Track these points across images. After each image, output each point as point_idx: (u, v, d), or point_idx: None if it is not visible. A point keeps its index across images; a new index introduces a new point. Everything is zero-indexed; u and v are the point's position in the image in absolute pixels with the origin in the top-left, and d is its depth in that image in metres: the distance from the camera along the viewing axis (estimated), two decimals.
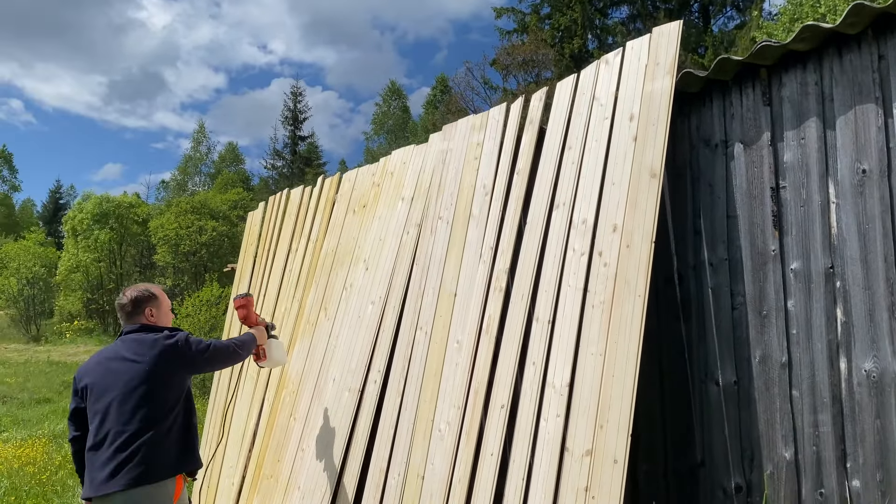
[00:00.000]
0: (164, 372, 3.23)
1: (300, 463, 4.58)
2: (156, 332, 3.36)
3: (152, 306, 3.48)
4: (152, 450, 3.10)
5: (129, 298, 3.44)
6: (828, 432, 2.92)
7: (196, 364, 3.38)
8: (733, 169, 3.34)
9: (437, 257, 4.28)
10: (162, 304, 3.53)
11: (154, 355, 3.23)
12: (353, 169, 5.63)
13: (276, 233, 6.26)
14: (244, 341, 3.72)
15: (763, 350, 3.16)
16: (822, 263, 2.98)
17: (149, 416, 3.13)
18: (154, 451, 3.11)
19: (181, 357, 3.30)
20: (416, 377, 4.06)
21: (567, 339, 3.34)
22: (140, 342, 3.30)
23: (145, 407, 3.14)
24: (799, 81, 3.10)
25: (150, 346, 3.26)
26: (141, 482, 3.04)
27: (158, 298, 3.52)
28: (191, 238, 30.51)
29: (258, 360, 3.99)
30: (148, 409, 3.14)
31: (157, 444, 3.12)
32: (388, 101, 53.69)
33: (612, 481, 2.93)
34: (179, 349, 3.30)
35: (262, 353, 3.96)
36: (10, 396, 19.35)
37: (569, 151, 3.71)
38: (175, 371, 3.28)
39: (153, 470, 3.09)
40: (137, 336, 3.34)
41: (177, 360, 3.29)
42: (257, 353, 3.95)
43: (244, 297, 3.98)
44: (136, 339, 3.32)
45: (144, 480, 3.05)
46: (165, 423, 3.17)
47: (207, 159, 56.03)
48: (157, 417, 3.15)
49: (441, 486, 3.61)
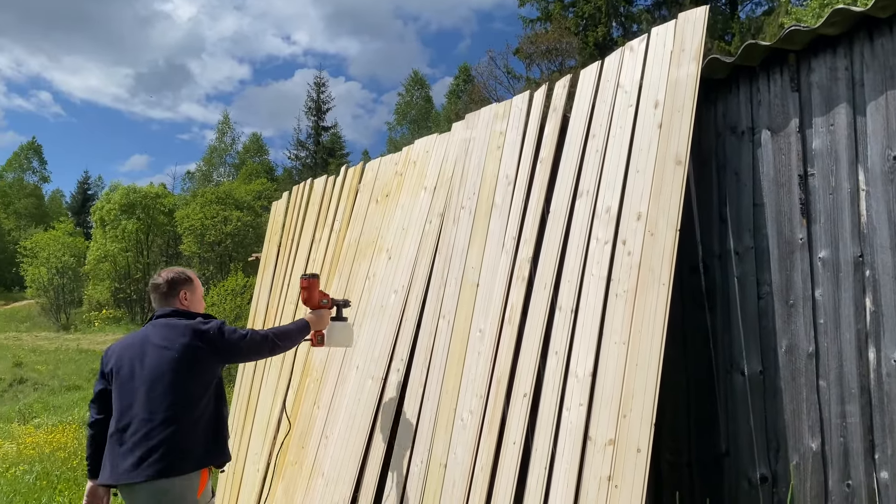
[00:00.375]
0: (194, 360, 3.09)
1: (324, 450, 4.63)
2: (188, 319, 3.24)
3: (187, 289, 3.37)
4: (179, 441, 2.97)
5: (165, 279, 3.34)
6: (855, 423, 2.88)
7: (230, 354, 3.23)
8: (760, 156, 3.29)
9: (459, 247, 4.28)
10: (196, 289, 3.43)
11: (185, 343, 3.10)
12: (376, 158, 5.64)
13: (299, 223, 6.30)
14: (289, 332, 3.50)
15: (790, 340, 3.12)
16: (851, 252, 2.93)
17: (177, 405, 3.01)
18: (181, 442, 2.97)
19: (213, 346, 3.15)
20: (439, 366, 4.07)
21: (590, 329, 3.33)
22: (172, 327, 3.18)
23: (174, 395, 3.01)
24: (828, 66, 3.04)
25: (181, 333, 3.13)
26: (166, 474, 2.91)
27: (193, 282, 3.42)
28: (216, 228, 30.83)
29: (314, 344, 3.75)
30: (176, 398, 3.01)
31: (185, 435, 2.99)
32: (410, 91, 53.68)
33: (636, 471, 2.92)
34: (212, 337, 3.15)
35: (318, 339, 3.71)
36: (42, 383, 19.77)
37: (593, 139, 3.68)
38: (206, 360, 3.14)
39: (179, 462, 2.95)
40: (169, 321, 3.22)
41: (208, 349, 3.14)
42: (311, 340, 3.70)
43: (309, 279, 3.71)
44: (167, 325, 3.20)
45: (170, 472, 2.92)
46: (194, 413, 3.04)
47: (232, 150, 56.52)
48: (185, 407, 3.02)
49: (463, 474, 3.63)
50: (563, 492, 3.16)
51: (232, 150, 56.67)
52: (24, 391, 19.29)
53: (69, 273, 33.79)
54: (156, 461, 2.91)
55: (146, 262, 34.51)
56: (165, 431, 2.95)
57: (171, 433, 2.96)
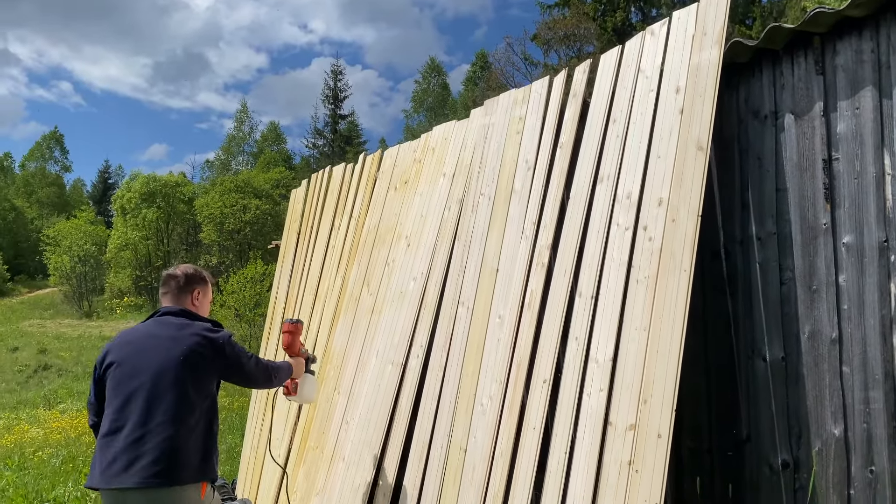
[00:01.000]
0: (199, 365, 2.92)
1: (344, 435, 4.67)
2: (199, 321, 3.10)
3: (201, 290, 3.25)
4: (178, 447, 2.78)
5: (183, 273, 3.21)
6: (879, 409, 2.86)
7: (233, 369, 3.07)
8: (783, 141, 3.25)
9: (478, 233, 4.28)
10: (208, 292, 3.32)
11: (192, 345, 2.92)
12: (395, 146, 5.65)
13: (318, 210, 6.33)
14: (280, 368, 3.40)
15: (812, 326, 3.10)
16: (875, 237, 2.90)
17: (176, 410, 2.81)
18: (179, 448, 2.78)
19: (221, 355, 2.99)
20: (458, 352, 4.09)
21: (610, 315, 3.33)
22: (180, 327, 3.02)
23: (175, 396, 2.83)
24: (854, 49, 3.00)
25: (191, 334, 2.97)
26: (159, 481, 2.71)
27: (208, 285, 3.31)
28: (235, 216, 31.04)
29: (287, 392, 3.65)
30: (177, 400, 2.83)
31: (183, 441, 2.80)
32: (427, 79, 53.56)
33: (656, 456, 2.93)
34: (221, 346, 3.00)
35: (292, 387, 3.61)
36: (66, 370, 20.09)
37: (613, 125, 3.66)
38: (209, 368, 2.97)
39: (173, 471, 2.75)
40: (178, 320, 3.06)
41: (214, 357, 2.97)
42: (287, 388, 3.61)
43: (294, 324, 3.67)
44: (176, 324, 3.04)
45: (164, 480, 2.72)
46: (191, 420, 2.85)
47: (250, 139, 56.81)
48: (183, 414, 2.83)
49: (483, 459, 3.65)
50: (583, 476, 3.17)
51: (250, 138, 56.98)
52: (48, 377, 19.62)
53: (91, 261, 34.23)
54: (148, 466, 2.71)
55: (166, 251, 34.87)
56: (161, 436, 2.76)
57: (169, 436, 2.77)
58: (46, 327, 29.27)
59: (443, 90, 52.84)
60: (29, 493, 6.48)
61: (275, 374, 3.31)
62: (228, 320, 18.35)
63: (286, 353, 3.61)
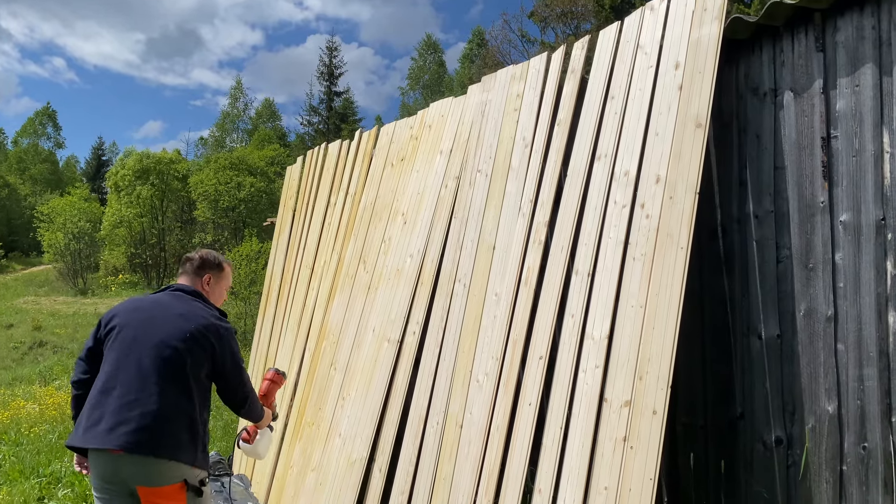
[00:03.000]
0: (201, 348, 2.86)
1: (341, 411, 4.69)
2: (210, 306, 3.10)
3: (213, 276, 3.21)
4: (163, 419, 2.71)
5: (199, 256, 3.23)
6: (873, 386, 2.88)
7: (226, 364, 2.95)
8: (782, 118, 3.24)
9: (475, 210, 4.27)
10: (222, 280, 3.27)
11: (200, 326, 2.89)
12: (391, 122, 5.61)
13: (314, 187, 6.30)
14: (257, 402, 3.24)
15: (808, 303, 3.11)
16: (873, 215, 2.90)
17: (171, 384, 2.78)
18: (164, 421, 2.72)
19: (222, 345, 2.92)
20: (455, 329, 4.10)
21: (607, 292, 3.33)
22: (192, 306, 3.01)
23: (171, 373, 2.79)
24: (855, 26, 2.98)
25: (200, 315, 2.95)
26: (141, 449, 2.65)
27: (223, 272, 3.27)
28: (230, 194, 30.91)
29: (247, 440, 3.41)
30: (172, 377, 2.79)
31: (171, 416, 2.74)
32: (423, 56, 53.18)
33: (651, 432, 2.95)
34: (225, 337, 2.95)
35: (252, 434, 3.40)
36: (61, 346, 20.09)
37: (611, 101, 3.64)
38: (207, 353, 2.88)
39: (158, 442, 2.68)
40: (191, 299, 3.06)
41: (215, 345, 2.90)
42: (250, 433, 3.39)
43: (278, 374, 3.56)
44: (188, 301, 3.03)
45: (146, 449, 2.65)
46: (183, 399, 2.80)
47: (244, 115, 56.41)
48: (177, 389, 2.79)
49: (479, 434, 3.67)
50: (578, 452, 3.20)
51: (244, 115, 56.59)
52: (43, 354, 19.62)
53: (85, 238, 34.09)
54: (135, 431, 2.65)
55: (161, 228, 34.73)
56: (154, 404, 2.71)
57: (159, 407, 2.71)
58: (41, 304, 29.23)
59: (439, 67, 52.49)
60: (25, 468, 6.51)
61: (251, 400, 3.14)
62: None
63: (261, 399, 3.37)
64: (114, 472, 2.70)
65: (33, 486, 5.95)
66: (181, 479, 2.72)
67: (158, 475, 2.69)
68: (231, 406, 3.11)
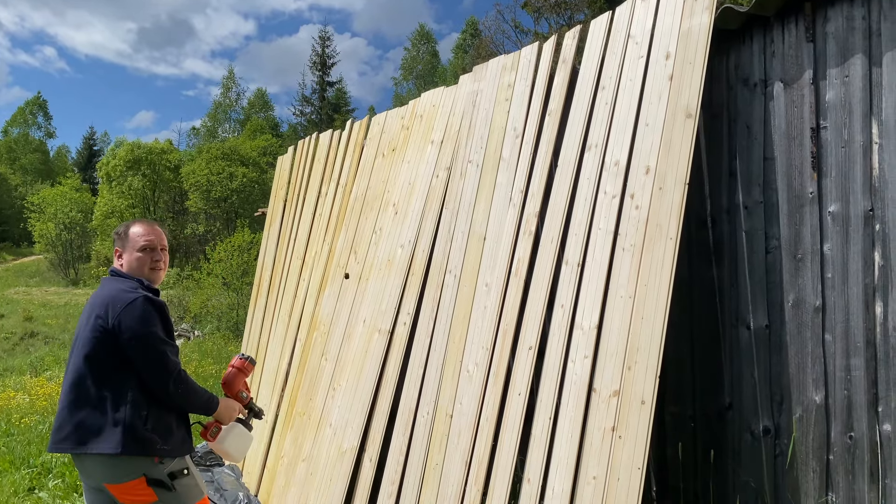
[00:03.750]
0: (102, 329, 2.66)
1: (331, 401, 4.69)
2: (128, 280, 2.83)
3: (120, 247, 2.93)
4: (88, 416, 2.64)
5: (116, 231, 3.01)
6: (860, 376, 2.90)
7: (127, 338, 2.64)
8: (772, 109, 3.24)
9: (466, 201, 4.26)
10: (128, 246, 2.90)
11: (101, 305, 2.71)
12: (382, 112, 5.59)
13: (305, 177, 6.28)
14: (195, 391, 2.80)
15: (797, 294, 3.12)
16: (861, 206, 2.91)
17: (87, 378, 2.67)
18: (90, 418, 2.63)
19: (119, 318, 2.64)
20: (445, 319, 4.10)
21: (596, 282, 3.33)
22: (109, 285, 2.83)
23: (86, 368, 2.68)
24: (845, 16, 2.98)
25: (106, 294, 2.75)
26: (76, 447, 2.64)
27: (127, 239, 2.91)
28: (222, 184, 30.78)
29: (204, 436, 2.98)
30: (88, 371, 2.67)
31: (97, 412, 2.64)
32: (416, 46, 52.98)
33: (640, 422, 2.96)
34: (123, 308, 2.65)
35: (212, 430, 2.98)
36: (52, 337, 20.03)
37: (602, 92, 3.63)
38: (107, 331, 2.66)
39: (84, 440, 2.63)
40: (112, 280, 2.87)
41: (112, 318, 2.65)
42: (206, 428, 2.97)
43: (244, 360, 3.14)
44: (108, 283, 2.85)
45: (76, 446, 2.64)
46: (105, 391, 2.65)
47: (237, 105, 56.12)
48: (94, 382, 2.66)
49: (469, 424, 3.68)
50: (566, 442, 3.20)
51: (237, 105, 56.29)
52: (34, 345, 19.56)
53: (77, 229, 33.95)
54: (70, 430, 2.66)
55: (153, 219, 34.58)
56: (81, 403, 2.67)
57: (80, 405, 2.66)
58: (32, 295, 29.11)
59: (432, 58, 52.29)
60: (16, 458, 6.49)
61: (181, 386, 2.71)
62: (216, 289, 18.31)
63: (223, 388, 3.07)
64: (82, 470, 2.76)
65: (24, 476, 5.94)
66: (139, 473, 2.63)
67: (112, 470, 2.64)
68: (154, 390, 2.69)
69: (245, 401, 3.08)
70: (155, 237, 2.94)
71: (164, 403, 2.72)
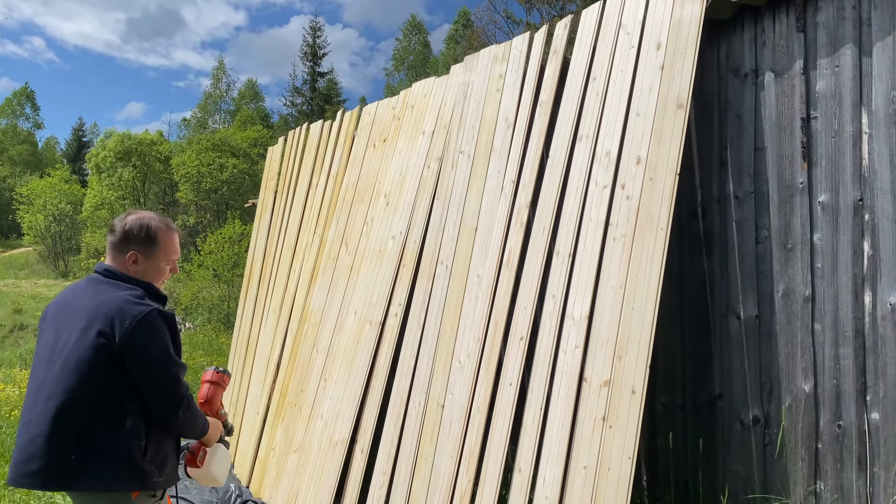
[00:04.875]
0: (100, 346, 2.24)
1: (323, 393, 4.69)
2: (129, 287, 2.39)
3: (139, 254, 2.45)
4: (79, 447, 2.22)
5: (122, 227, 2.46)
6: (849, 365, 2.92)
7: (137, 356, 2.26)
8: (763, 99, 3.24)
9: (458, 192, 4.25)
10: (157, 254, 2.48)
11: (101, 316, 2.27)
12: (374, 102, 5.56)
13: (296, 168, 6.25)
14: (199, 415, 2.49)
15: (786, 284, 3.14)
16: (851, 196, 2.92)
17: (68, 401, 2.22)
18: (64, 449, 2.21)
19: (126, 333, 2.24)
20: (437, 310, 4.10)
21: (587, 272, 3.33)
22: (99, 292, 2.37)
23: (65, 387, 2.23)
24: (835, 6, 2.98)
25: (105, 302, 2.30)
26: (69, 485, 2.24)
27: (156, 245, 2.47)
28: (212, 175, 30.63)
29: (191, 462, 2.66)
30: (68, 391, 2.23)
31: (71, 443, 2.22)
32: (408, 36, 52.77)
33: (630, 411, 2.97)
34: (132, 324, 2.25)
35: (199, 456, 2.65)
36: None
37: (593, 82, 3.62)
38: (109, 348, 2.24)
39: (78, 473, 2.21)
40: (104, 283, 2.41)
41: (117, 335, 2.24)
42: (194, 453, 2.64)
43: (220, 373, 2.78)
44: (97, 288, 2.40)
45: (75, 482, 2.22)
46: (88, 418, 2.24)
47: (227, 96, 55.75)
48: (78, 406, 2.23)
49: (460, 414, 3.68)
50: (558, 432, 3.21)
51: (227, 96, 55.90)
52: (24, 337, 19.45)
53: (66, 220, 33.73)
54: (39, 465, 2.21)
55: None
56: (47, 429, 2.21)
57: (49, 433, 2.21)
58: (21, 287, 28.93)
59: (424, 48, 52.09)
60: (6, 451, 6.46)
61: (188, 411, 2.38)
62: (207, 281, 18.24)
63: (203, 408, 2.65)
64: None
65: None
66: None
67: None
68: (159, 417, 2.34)
69: (224, 418, 2.77)
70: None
71: (163, 431, 2.37)
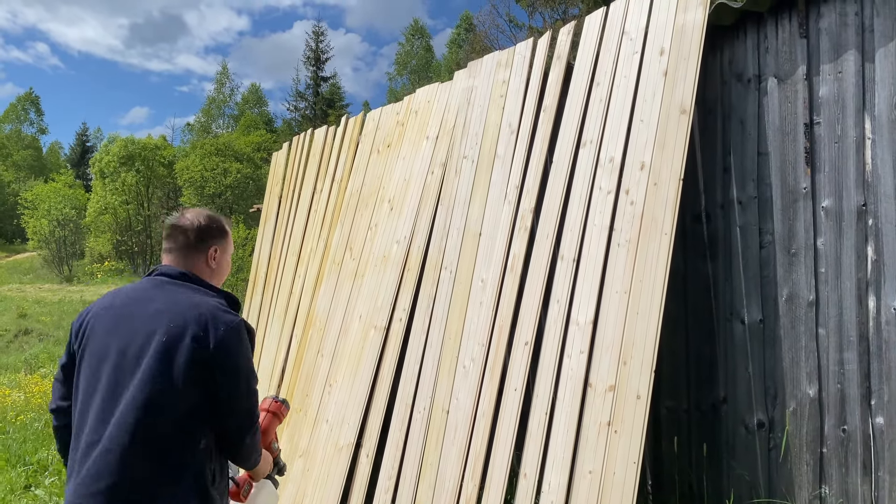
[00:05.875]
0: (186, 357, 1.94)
1: (328, 398, 4.70)
2: (210, 292, 2.12)
3: (219, 246, 2.22)
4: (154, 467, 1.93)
5: (194, 223, 2.18)
6: (853, 370, 2.92)
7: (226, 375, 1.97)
8: (766, 105, 3.26)
9: (461, 197, 4.27)
10: (228, 249, 2.27)
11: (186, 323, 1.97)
12: (377, 108, 5.58)
13: (300, 173, 6.27)
14: (258, 443, 2.17)
15: (790, 289, 3.14)
16: (854, 201, 2.93)
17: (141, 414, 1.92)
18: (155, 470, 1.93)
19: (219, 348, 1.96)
20: (441, 315, 4.11)
21: (592, 278, 3.35)
22: (178, 295, 2.06)
23: (142, 399, 1.93)
24: (838, 12, 2.99)
25: (188, 308, 2.00)
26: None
27: (228, 238, 2.27)
28: (216, 180, 30.71)
29: (235, 496, 2.30)
30: (143, 405, 1.92)
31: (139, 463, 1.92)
32: (410, 41, 52.86)
33: (635, 416, 2.97)
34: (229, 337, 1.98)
35: (244, 489, 2.32)
36: (46, 334, 19.96)
37: (597, 88, 3.63)
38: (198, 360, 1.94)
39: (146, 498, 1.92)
40: (178, 287, 2.09)
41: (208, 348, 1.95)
42: (239, 486, 2.30)
43: (279, 403, 2.48)
44: (173, 291, 2.08)
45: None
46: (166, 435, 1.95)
47: (231, 101, 55.89)
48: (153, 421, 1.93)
49: (465, 419, 3.69)
50: (563, 436, 3.22)
51: (231, 101, 56.04)
52: (29, 342, 19.50)
53: (70, 225, 33.80)
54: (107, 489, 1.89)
55: (147, 215, 34.45)
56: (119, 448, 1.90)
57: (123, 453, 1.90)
58: (26, 292, 28.99)
59: (426, 52, 52.18)
60: (12, 456, 6.48)
61: (255, 435, 2.11)
62: None
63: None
64: None
65: (20, 474, 5.93)
66: None
67: None
68: (228, 437, 2.06)
69: (276, 453, 2.45)
70: None
71: (224, 455, 2.11)
